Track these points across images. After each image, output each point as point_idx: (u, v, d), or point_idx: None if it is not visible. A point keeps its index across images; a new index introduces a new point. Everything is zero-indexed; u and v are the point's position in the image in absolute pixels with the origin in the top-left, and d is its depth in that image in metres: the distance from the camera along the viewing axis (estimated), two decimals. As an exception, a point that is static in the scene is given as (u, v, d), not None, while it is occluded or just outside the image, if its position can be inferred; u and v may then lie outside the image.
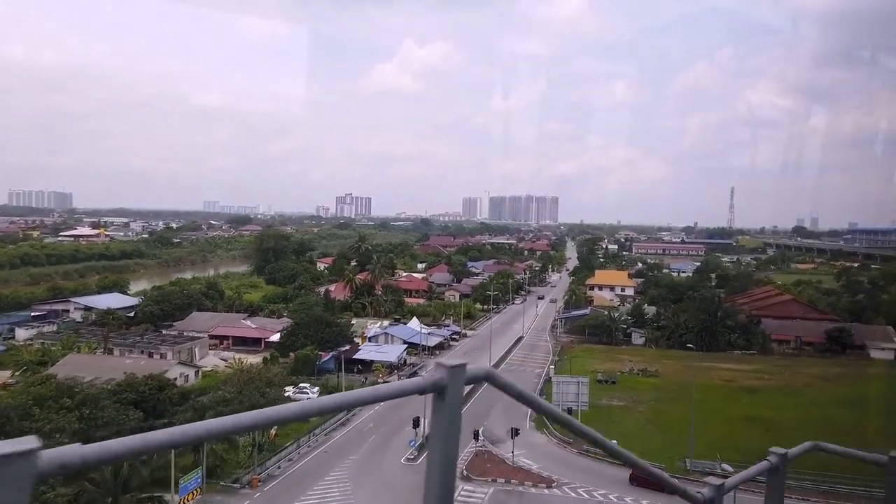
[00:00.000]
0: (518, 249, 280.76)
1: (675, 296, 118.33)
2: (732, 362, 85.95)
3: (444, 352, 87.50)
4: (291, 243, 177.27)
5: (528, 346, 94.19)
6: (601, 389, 69.03)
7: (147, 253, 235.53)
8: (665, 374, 77.62)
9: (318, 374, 68.03)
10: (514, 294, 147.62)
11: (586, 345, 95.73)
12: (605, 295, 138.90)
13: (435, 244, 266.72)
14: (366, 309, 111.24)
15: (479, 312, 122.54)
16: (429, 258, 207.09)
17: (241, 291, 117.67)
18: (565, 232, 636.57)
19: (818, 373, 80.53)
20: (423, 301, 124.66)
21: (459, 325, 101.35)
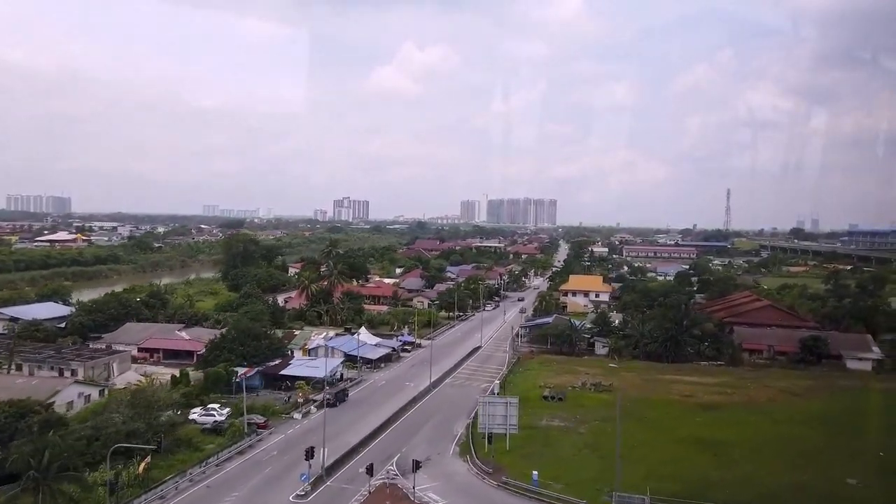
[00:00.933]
0: (506, 253, 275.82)
1: (647, 302, 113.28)
2: (697, 374, 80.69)
3: (390, 365, 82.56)
4: (260, 248, 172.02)
5: (482, 358, 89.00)
6: (545, 408, 63.88)
7: (124, 258, 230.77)
8: (620, 388, 72.30)
9: (240, 392, 62.71)
10: (486, 300, 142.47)
11: (546, 355, 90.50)
12: (579, 301, 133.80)
13: (420, 248, 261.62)
14: (321, 318, 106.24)
15: (445, 320, 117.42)
16: (409, 263, 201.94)
17: (193, 299, 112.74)
18: (562, 234, 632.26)
19: (786, 386, 75.20)
20: (387, 308, 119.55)
21: (414, 334, 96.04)
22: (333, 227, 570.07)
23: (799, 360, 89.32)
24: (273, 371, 67.15)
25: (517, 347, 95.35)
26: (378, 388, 70.24)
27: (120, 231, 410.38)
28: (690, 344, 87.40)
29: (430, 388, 69.18)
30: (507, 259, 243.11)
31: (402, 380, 73.14)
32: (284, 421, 57.41)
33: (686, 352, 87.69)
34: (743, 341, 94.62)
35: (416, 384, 70.67)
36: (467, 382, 73.54)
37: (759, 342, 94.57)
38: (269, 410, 58.02)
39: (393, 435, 54.80)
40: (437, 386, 71.43)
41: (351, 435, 53.26)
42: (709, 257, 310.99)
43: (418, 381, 72.28)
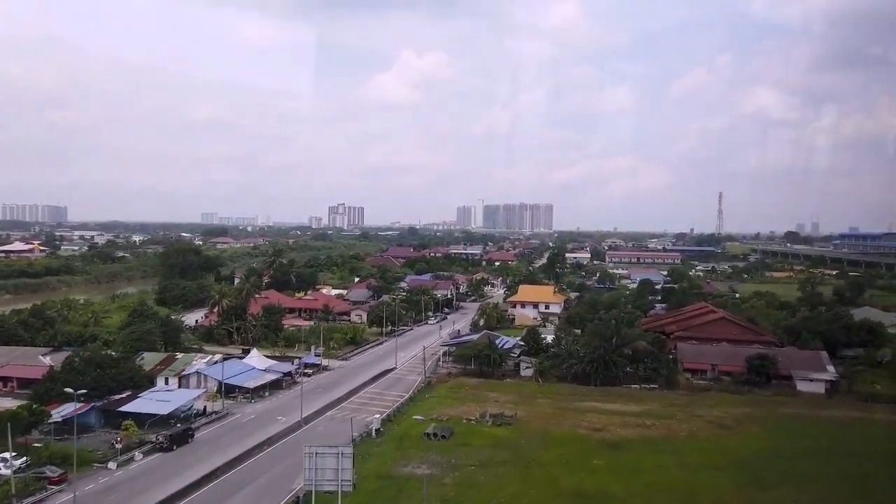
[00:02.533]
0: (480, 260, 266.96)
1: (591, 315, 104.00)
2: (623, 401, 71.58)
3: (277, 393, 73.54)
4: (200, 259, 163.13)
5: (390, 381, 79.98)
6: (422, 448, 54.80)
7: (79, 269, 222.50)
8: (525, 420, 63.31)
9: (73, 432, 53.66)
10: (437, 312, 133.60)
11: (463, 378, 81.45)
12: (528, 313, 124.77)
13: (390, 256, 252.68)
14: (231, 336, 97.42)
15: (375, 336, 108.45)
16: (371, 271, 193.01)
17: (100, 316, 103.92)
18: (555, 240, 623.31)
19: (718, 416, 66.02)
20: (313, 323, 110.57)
21: (322, 355, 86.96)
22: (319, 235, 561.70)
23: (744, 381, 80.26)
24: (113, 407, 58.16)
25: (437, 369, 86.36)
26: (240, 425, 61.22)
27: (97, 240, 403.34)
28: (622, 365, 78.17)
29: (301, 424, 60.16)
30: (479, 267, 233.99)
31: (276, 413, 64.15)
32: (94, 472, 48.45)
33: (618, 373, 78.50)
34: (685, 360, 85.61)
35: (290, 418, 61.71)
36: (353, 415, 64.38)
37: (702, 361, 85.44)
38: (81, 458, 48.93)
39: (211, 492, 45.74)
40: (313, 420, 62.45)
41: (158, 491, 44.29)
42: (693, 263, 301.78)
43: (295, 414, 63.32)
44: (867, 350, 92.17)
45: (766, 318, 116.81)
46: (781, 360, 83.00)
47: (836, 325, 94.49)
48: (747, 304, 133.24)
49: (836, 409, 69.74)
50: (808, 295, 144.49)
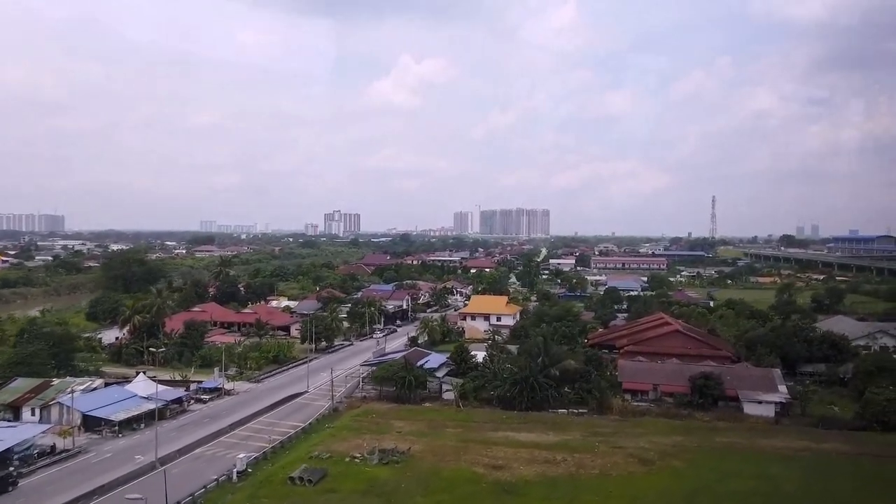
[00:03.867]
0: (459, 268, 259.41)
1: (537, 329, 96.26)
2: (542, 428, 63.88)
3: (159, 423, 65.83)
4: (143, 269, 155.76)
5: (293, 408, 72.36)
6: (281, 496, 47.23)
7: (40, 280, 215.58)
8: (419, 456, 55.68)
9: None
10: (386, 324, 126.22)
11: (377, 403, 73.87)
12: (479, 326, 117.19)
13: (362, 264, 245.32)
14: (143, 355, 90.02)
15: (307, 353, 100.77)
16: (338, 280, 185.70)
17: (7, 334, 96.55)
18: (549, 245, 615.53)
19: (643, 447, 58.27)
20: (240, 339, 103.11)
21: (223, 377, 79.34)
22: (307, 242, 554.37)
23: (687, 403, 72.54)
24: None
25: (355, 392, 78.71)
26: (86, 467, 53.44)
27: (77, 249, 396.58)
28: (548, 388, 70.44)
29: (155, 465, 52.46)
30: (453, 275, 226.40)
31: (139, 450, 56.48)
32: None
33: (545, 397, 70.75)
34: (625, 379, 77.87)
35: (149, 457, 54.05)
36: (229, 451, 56.89)
37: (643, 380, 77.68)
38: None
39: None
40: (176, 459, 54.83)
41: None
42: (679, 268, 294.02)
43: (162, 449, 55.78)
44: (829, 366, 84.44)
45: (734, 329, 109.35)
46: (730, 379, 75.50)
47: (796, 339, 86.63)
48: (716, 314, 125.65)
49: (781, 437, 61.93)
50: (780, 303, 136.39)
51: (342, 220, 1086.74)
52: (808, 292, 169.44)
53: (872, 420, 63.73)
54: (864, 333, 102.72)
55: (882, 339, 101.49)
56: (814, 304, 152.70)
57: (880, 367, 72.51)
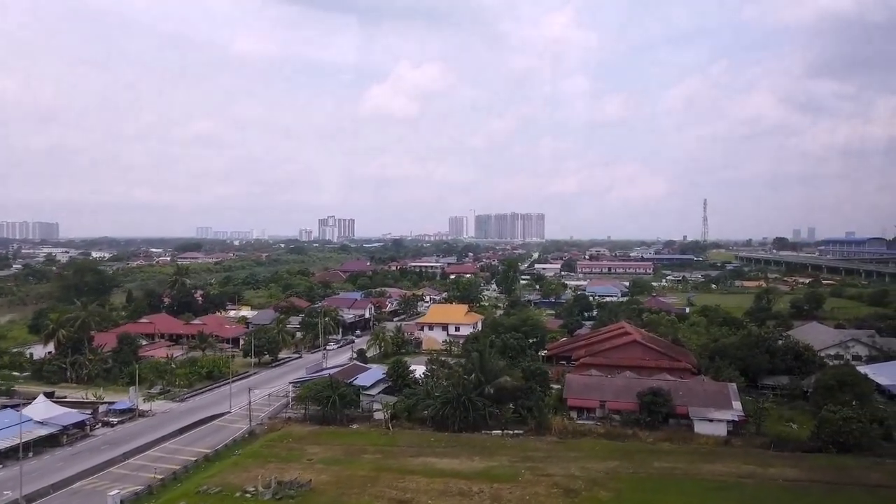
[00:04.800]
0: (442, 274, 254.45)
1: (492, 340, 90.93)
2: (469, 453, 58.63)
3: (53, 450, 60.61)
4: (96, 279, 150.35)
5: (207, 431, 67.07)
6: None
7: (7, 290, 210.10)
8: (321, 488, 50.36)
9: None
10: (344, 335, 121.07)
11: (300, 425, 68.61)
12: (437, 336, 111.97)
13: (338, 270, 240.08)
14: (66, 372, 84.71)
15: (247, 368, 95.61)
16: (310, 287, 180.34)
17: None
18: (542, 249, 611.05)
19: (573, 474, 52.99)
20: (179, 353, 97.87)
21: (137, 397, 73.94)
22: (296, 248, 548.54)
23: (634, 421, 67.37)
24: None
25: (283, 412, 73.44)
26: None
27: (59, 258, 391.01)
28: (482, 407, 65.19)
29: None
30: (430, 281, 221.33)
31: (10, 484, 51.09)
32: None
33: (479, 417, 65.50)
34: (570, 395, 72.65)
35: (16, 493, 48.71)
36: (114, 484, 51.58)
37: (590, 397, 72.42)
38: None
39: None
40: (49, 495, 49.48)
41: None
42: (665, 272, 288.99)
43: (38, 483, 50.54)
44: (792, 379, 79.29)
45: (705, 337, 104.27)
46: (682, 394, 70.39)
47: (757, 350, 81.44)
48: (687, 322, 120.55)
49: (726, 460, 56.71)
50: (755, 310, 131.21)
51: (336, 225, 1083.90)
52: (789, 297, 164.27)
53: (828, 441, 58.52)
54: (835, 342, 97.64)
55: (854, 347, 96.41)
56: (793, 310, 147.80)
57: (841, 382, 67.22)
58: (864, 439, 58.10)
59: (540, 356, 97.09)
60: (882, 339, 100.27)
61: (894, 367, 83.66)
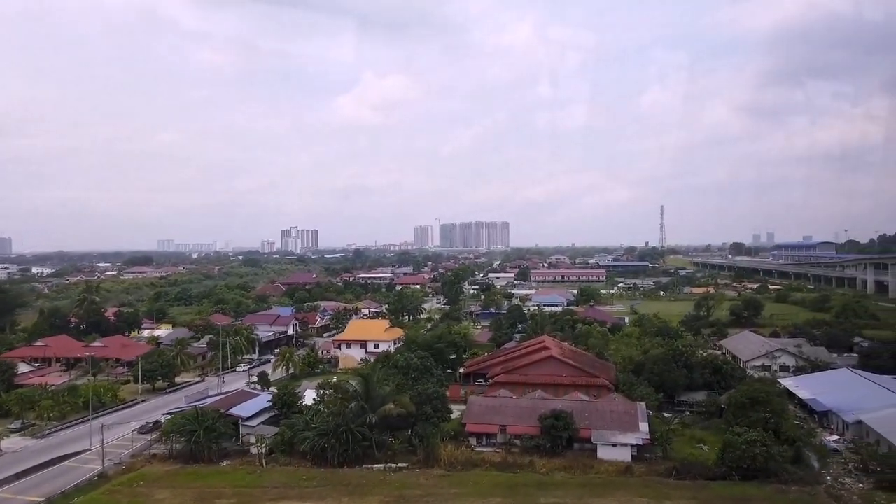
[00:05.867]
0: (388, 285, 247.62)
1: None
2: (339, 493, 52.09)
3: None
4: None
5: (55, 473, 59.18)
6: None
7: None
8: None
9: None
10: (261, 354, 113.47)
11: (165, 463, 61.23)
12: (355, 354, 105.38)
13: (279, 283, 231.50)
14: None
15: (137, 395, 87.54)
16: (232, 304, 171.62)
17: None
18: (504, 257, 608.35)
19: (445, 517, 47.05)
20: (63, 381, 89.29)
21: None
22: (250, 260, 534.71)
23: (535, 446, 61.85)
24: None
25: (150, 448, 65.91)
26: None
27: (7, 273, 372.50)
28: (363, 437, 58.83)
29: None
30: (375, 293, 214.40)
31: None
32: None
33: (366, 448, 59.12)
34: (469, 420, 66.82)
35: None
36: None
37: (491, 421, 66.66)
38: None
39: None
40: None
41: None
42: (617, 279, 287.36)
43: None
44: (710, 394, 74.91)
45: (636, 349, 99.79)
46: (588, 416, 65.20)
47: (675, 364, 76.94)
48: (620, 333, 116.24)
49: (620, 493, 51.36)
50: (690, 318, 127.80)
51: (300, 236, 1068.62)
52: (730, 303, 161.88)
53: (731, 467, 53.70)
54: (761, 353, 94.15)
55: (781, 357, 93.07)
56: (732, 317, 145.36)
57: (752, 400, 62.84)
58: (771, 464, 53.45)
59: (458, 374, 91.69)
60: (811, 349, 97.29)
61: (818, 380, 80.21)
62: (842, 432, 65.42)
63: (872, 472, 53.84)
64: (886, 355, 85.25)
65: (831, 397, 71.25)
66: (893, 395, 67.85)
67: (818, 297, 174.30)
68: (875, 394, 69.75)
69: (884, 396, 68.24)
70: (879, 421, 59.91)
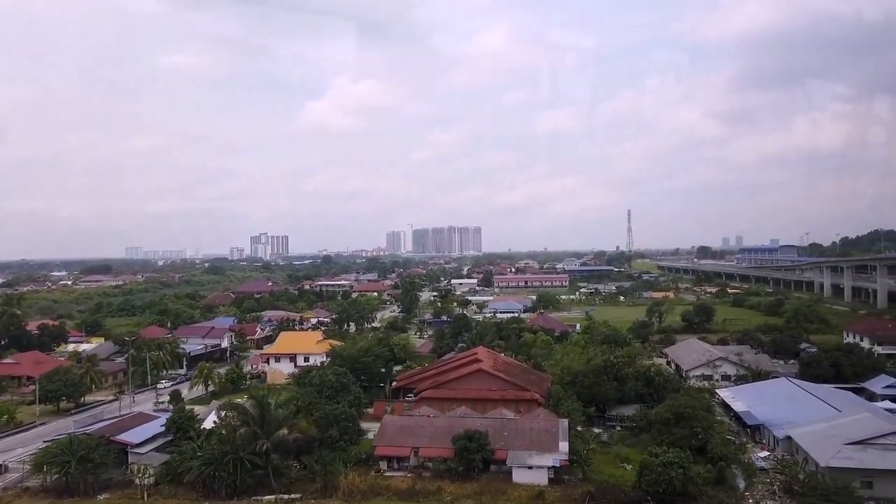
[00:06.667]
0: (343, 293, 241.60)
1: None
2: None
3: None
4: None
5: None
6: None
7: None
8: None
9: None
10: (186, 370, 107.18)
11: (37, 497, 55.29)
12: (284, 369, 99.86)
13: (230, 292, 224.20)
14: None
15: (50, 413, 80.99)
16: (170, 315, 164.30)
17: None
18: (475, 262, 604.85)
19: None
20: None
21: None
22: (213, 268, 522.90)
23: (448, 470, 57.30)
24: None
25: (23, 480, 59.80)
26: None
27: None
28: (253, 466, 53.60)
29: None
30: (330, 302, 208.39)
31: None
32: None
33: (258, 477, 53.92)
34: (380, 442, 62.04)
35: None
36: None
37: (403, 443, 61.94)
38: None
39: None
40: None
41: None
42: (580, 284, 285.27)
43: None
44: (642, 407, 71.20)
45: (581, 359, 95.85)
46: (507, 435, 60.95)
47: (605, 377, 73.11)
48: (567, 341, 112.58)
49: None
50: (638, 325, 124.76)
51: (269, 242, 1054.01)
52: (682, 308, 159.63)
53: (648, 491, 49.71)
54: (702, 361, 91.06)
55: (722, 366, 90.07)
56: (684, 323, 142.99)
57: (678, 416, 59.23)
58: (690, 486, 49.55)
59: (388, 389, 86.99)
60: (753, 357, 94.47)
61: (756, 390, 77.11)
62: (773, 448, 62.09)
63: (797, 494, 50.35)
64: (826, 363, 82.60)
65: (765, 409, 68.06)
66: (828, 408, 64.86)
67: (773, 302, 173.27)
68: (809, 406, 66.73)
69: (818, 409, 65.23)
70: (806, 437, 56.59)
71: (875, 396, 75.40)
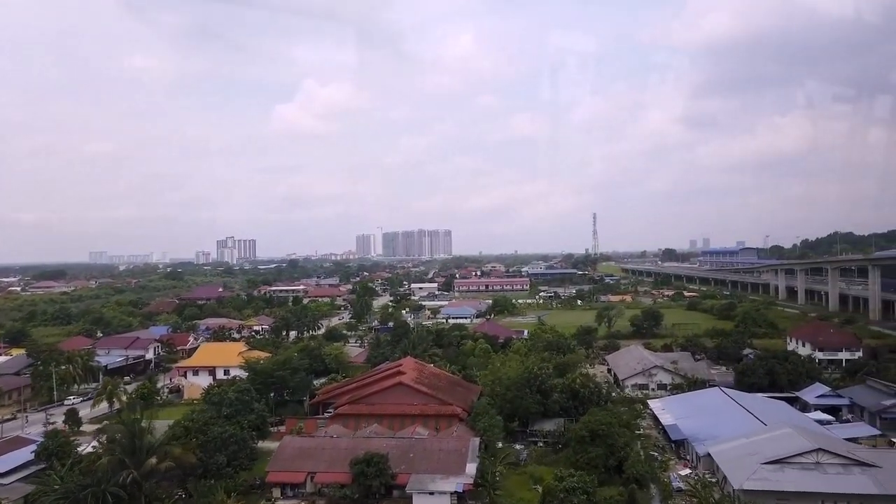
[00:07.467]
0: (294, 298, 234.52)
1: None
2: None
3: None
4: None
5: None
6: None
7: None
8: None
9: None
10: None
11: None
12: (203, 383, 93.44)
13: (176, 299, 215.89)
14: None
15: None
16: (105, 322, 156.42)
17: None
18: (443, 265, 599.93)
19: None
20: None
21: None
22: (172, 273, 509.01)
23: (344, 496, 52.51)
24: None
25: None
26: None
27: None
28: (121, 499, 48.04)
29: None
30: (276, 308, 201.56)
31: None
32: None
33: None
34: (273, 468, 56.91)
35: None
36: None
37: (299, 468, 56.88)
38: None
39: None
40: None
41: None
42: (541, 288, 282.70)
43: None
44: (566, 422, 67.19)
45: (520, 367, 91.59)
46: (412, 456, 56.39)
47: (528, 390, 68.92)
48: (508, 349, 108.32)
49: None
50: (582, 331, 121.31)
51: (236, 246, 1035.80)
52: (631, 313, 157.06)
53: (551, 519, 45.61)
54: (639, 370, 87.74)
55: (657, 375, 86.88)
56: (633, 328, 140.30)
57: (593, 433, 55.28)
58: (595, 514, 45.61)
59: (306, 405, 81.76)
60: (690, 364, 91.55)
61: (686, 402, 73.81)
62: (695, 465, 58.56)
63: (710, 519, 46.69)
64: (762, 371, 79.77)
65: (691, 423, 64.62)
66: (754, 421, 61.63)
67: (725, 305, 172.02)
68: (736, 418, 63.51)
69: (744, 422, 61.99)
70: (724, 454, 53.11)
71: (808, 406, 72.77)
